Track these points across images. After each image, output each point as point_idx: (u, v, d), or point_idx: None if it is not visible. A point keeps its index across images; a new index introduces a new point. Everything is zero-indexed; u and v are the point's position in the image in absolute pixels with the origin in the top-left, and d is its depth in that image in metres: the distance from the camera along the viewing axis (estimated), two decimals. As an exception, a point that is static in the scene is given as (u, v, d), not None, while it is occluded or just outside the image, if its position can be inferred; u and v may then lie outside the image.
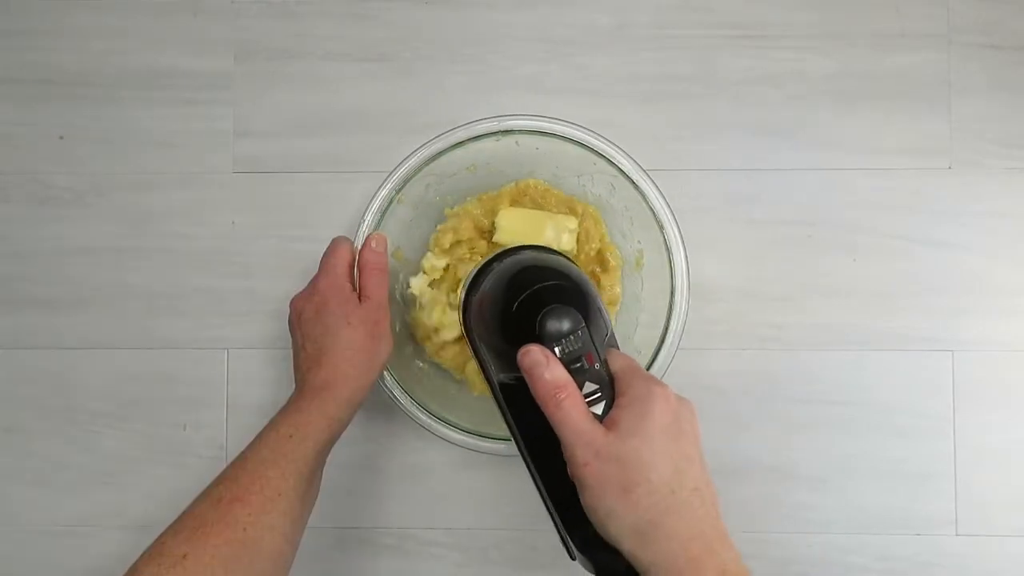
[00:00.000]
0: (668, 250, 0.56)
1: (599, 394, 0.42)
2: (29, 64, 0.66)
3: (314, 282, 0.55)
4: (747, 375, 0.63)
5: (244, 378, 0.65)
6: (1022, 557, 0.62)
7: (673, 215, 0.56)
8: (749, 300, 0.64)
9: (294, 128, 0.65)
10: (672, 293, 0.56)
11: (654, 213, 0.56)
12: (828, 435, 0.63)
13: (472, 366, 0.60)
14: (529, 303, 0.43)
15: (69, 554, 0.64)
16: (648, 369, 0.56)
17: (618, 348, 0.47)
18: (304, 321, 0.53)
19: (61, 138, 0.66)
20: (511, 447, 0.56)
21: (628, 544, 0.40)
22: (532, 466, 0.44)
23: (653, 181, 0.56)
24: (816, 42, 0.65)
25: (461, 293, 0.49)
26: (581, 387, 0.42)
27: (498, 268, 0.47)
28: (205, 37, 0.66)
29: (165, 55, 0.66)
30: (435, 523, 0.64)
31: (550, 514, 0.44)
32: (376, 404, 0.62)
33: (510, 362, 0.43)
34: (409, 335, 0.62)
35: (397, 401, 0.57)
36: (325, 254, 0.56)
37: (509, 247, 0.49)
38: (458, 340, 0.60)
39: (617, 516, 0.40)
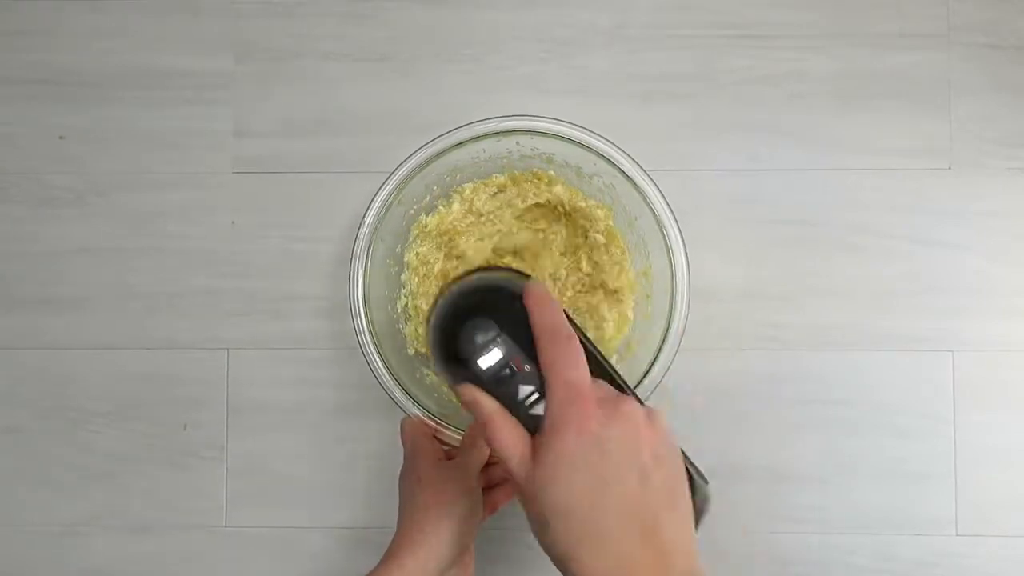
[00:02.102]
0: (669, 250, 0.56)
1: (536, 395, 0.41)
2: (29, 64, 0.66)
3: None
4: (747, 375, 0.63)
5: (244, 378, 0.65)
6: (1022, 557, 0.62)
7: (673, 215, 0.56)
8: (749, 300, 0.64)
9: (294, 128, 0.65)
10: (673, 293, 0.56)
11: (654, 213, 0.56)
12: (828, 435, 0.63)
13: None
14: (448, 330, 0.43)
15: (69, 554, 0.64)
16: (649, 370, 0.56)
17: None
18: (398, 492, 0.54)
19: (61, 138, 0.66)
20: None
21: (559, 568, 0.40)
22: None
23: (653, 181, 0.56)
24: (816, 42, 0.65)
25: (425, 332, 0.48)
26: (516, 393, 0.41)
27: (438, 305, 0.46)
28: (205, 37, 0.66)
29: (165, 55, 0.66)
30: (435, 523, 0.64)
31: None
32: (376, 404, 0.62)
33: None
34: (412, 345, 0.62)
35: (397, 402, 0.57)
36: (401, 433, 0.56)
37: (456, 276, 0.47)
38: None
39: (544, 546, 0.40)
